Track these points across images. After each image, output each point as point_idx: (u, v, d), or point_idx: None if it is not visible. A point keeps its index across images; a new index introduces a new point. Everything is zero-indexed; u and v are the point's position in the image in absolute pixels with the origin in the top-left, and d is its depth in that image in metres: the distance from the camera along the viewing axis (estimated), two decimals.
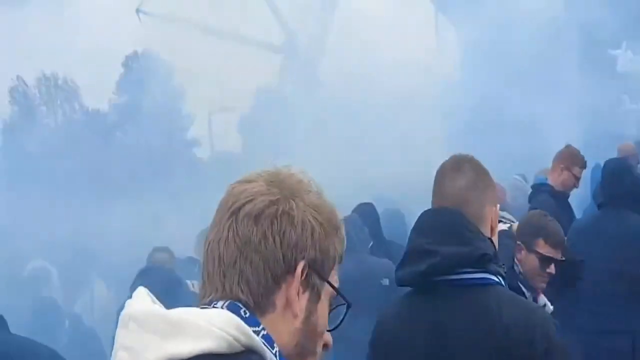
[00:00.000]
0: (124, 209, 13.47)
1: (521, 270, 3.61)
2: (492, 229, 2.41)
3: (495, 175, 2.66)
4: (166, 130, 17.21)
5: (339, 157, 11.52)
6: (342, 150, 11.88)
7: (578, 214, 6.23)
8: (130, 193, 12.58)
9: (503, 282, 2.35)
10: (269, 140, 13.12)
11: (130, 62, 27.61)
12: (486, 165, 2.50)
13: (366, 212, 6.17)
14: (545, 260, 3.67)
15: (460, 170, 2.42)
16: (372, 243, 5.95)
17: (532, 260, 3.69)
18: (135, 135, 15.90)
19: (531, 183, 6.86)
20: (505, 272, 2.38)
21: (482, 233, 2.35)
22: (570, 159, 5.74)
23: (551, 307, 3.51)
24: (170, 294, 4.80)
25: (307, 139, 12.38)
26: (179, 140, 17.90)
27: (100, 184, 15.18)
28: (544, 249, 3.72)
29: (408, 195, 8.29)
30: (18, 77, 29.74)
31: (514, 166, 9.09)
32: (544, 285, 3.68)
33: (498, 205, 2.55)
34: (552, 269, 3.65)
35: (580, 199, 7.00)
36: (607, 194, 5.24)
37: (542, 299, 3.62)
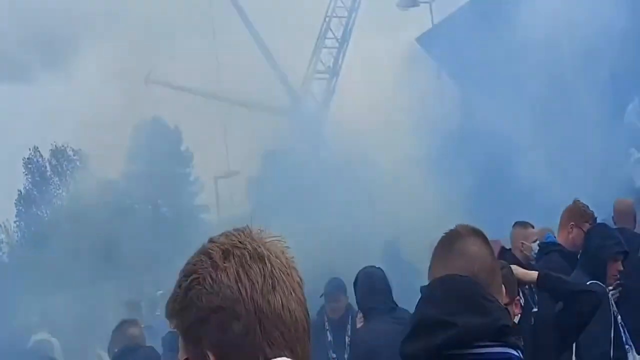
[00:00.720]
0: (131, 278, 13.53)
1: None
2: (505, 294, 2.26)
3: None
4: (175, 197, 17.34)
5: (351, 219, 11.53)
6: (350, 207, 11.88)
7: None
8: (138, 261, 12.63)
9: (522, 357, 2.13)
10: (275, 202, 13.19)
11: (139, 130, 28.13)
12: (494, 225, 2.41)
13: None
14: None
15: (470, 237, 2.27)
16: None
17: None
18: (145, 202, 16.01)
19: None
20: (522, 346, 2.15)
21: (499, 302, 2.16)
22: (580, 215, 5.28)
23: None
24: None
25: (313, 199, 12.44)
26: (187, 206, 18.02)
27: (108, 253, 15.27)
28: None
29: (415, 254, 8.26)
30: (34, 147, 30.36)
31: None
32: None
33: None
34: None
35: None
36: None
37: None
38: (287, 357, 1.12)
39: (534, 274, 3.55)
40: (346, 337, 6.17)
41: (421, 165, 12.83)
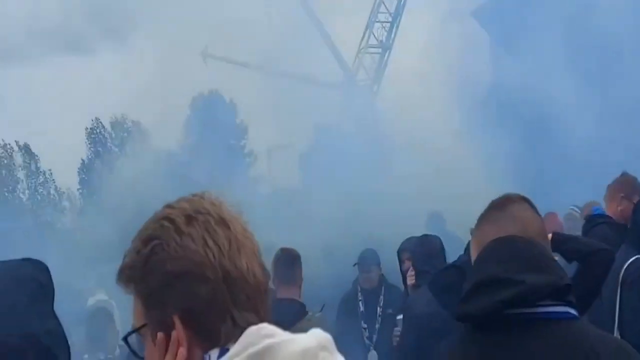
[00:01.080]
0: None
1: None
2: None
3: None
4: (229, 168, 17.72)
5: (399, 191, 11.55)
6: (402, 184, 11.88)
7: None
8: None
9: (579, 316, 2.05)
10: (327, 176, 13.34)
11: (197, 103, 28.67)
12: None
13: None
14: None
15: (522, 203, 2.22)
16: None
17: None
18: (201, 173, 16.44)
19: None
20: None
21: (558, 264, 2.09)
22: (630, 187, 5.00)
23: None
24: None
25: (363, 173, 12.52)
26: (242, 177, 18.40)
27: None
28: None
29: (459, 225, 8.27)
30: (96, 118, 31.25)
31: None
32: None
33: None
34: None
35: None
36: None
37: None
38: (252, 317, 1.15)
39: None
40: (378, 308, 6.20)
41: (469, 138, 12.81)
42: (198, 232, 1.15)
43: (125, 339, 1.19)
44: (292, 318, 3.95)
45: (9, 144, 30.16)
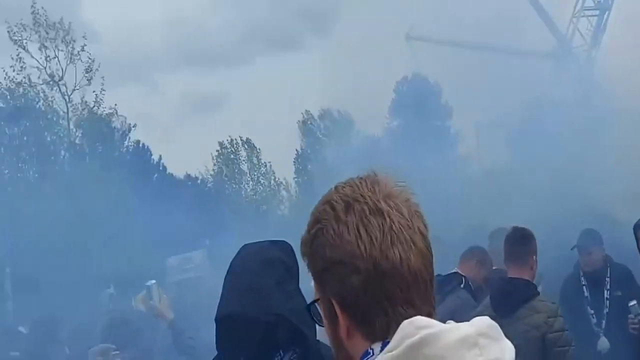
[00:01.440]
0: None
1: None
2: None
3: None
4: (435, 150, 17.37)
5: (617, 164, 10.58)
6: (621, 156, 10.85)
7: None
8: None
9: None
10: (538, 152, 12.50)
11: (401, 86, 28.59)
12: None
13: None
14: None
15: None
16: None
17: None
18: (405, 157, 16.32)
19: None
20: None
21: None
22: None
23: None
24: None
25: (581, 147, 11.59)
26: (449, 158, 17.97)
27: None
28: None
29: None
30: (306, 111, 32.60)
31: None
32: None
33: None
34: None
35: None
36: None
37: None
38: (407, 311, 1.14)
39: None
40: (605, 291, 5.63)
41: None
42: (353, 222, 1.16)
43: (308, 308, 1.24)
44: (522, 297, 3.98)
45: (235, 139, 32.40)
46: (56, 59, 24.20)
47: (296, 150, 32.01)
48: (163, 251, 18.47)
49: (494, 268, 5.15)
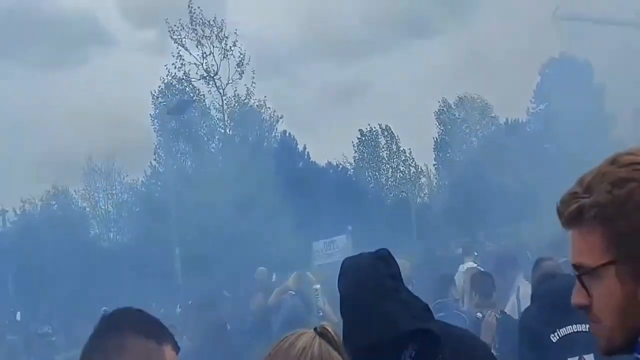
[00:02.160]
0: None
1: None
2: None
3: None
4: (589, 134, 16.62)
5: None
6: None
7: None
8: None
9: None
10: None
11: (548, 68, 27.41)
12: None
13: None
14: None
15: None
16: None
17: None
18: (555, 141, 15.76)
19: None
20: None
21: None
22: None
23: None
24: None
25: None
26: (600, 143, 17.13)
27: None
28: None
29: None
30: (443, 99, 32.23)
31: None
32: None
33: None
34: None
35: None
36: None
37: None
38: None
39: None
40: None
41: None
42: None
43: (579, 277, 1.17)
44: None
45: (374, 128, 32.60)
46: (211, 55, 25.53)
47: (434, 138, 31.89)
48: (309, 235, 19.13)
49: None
